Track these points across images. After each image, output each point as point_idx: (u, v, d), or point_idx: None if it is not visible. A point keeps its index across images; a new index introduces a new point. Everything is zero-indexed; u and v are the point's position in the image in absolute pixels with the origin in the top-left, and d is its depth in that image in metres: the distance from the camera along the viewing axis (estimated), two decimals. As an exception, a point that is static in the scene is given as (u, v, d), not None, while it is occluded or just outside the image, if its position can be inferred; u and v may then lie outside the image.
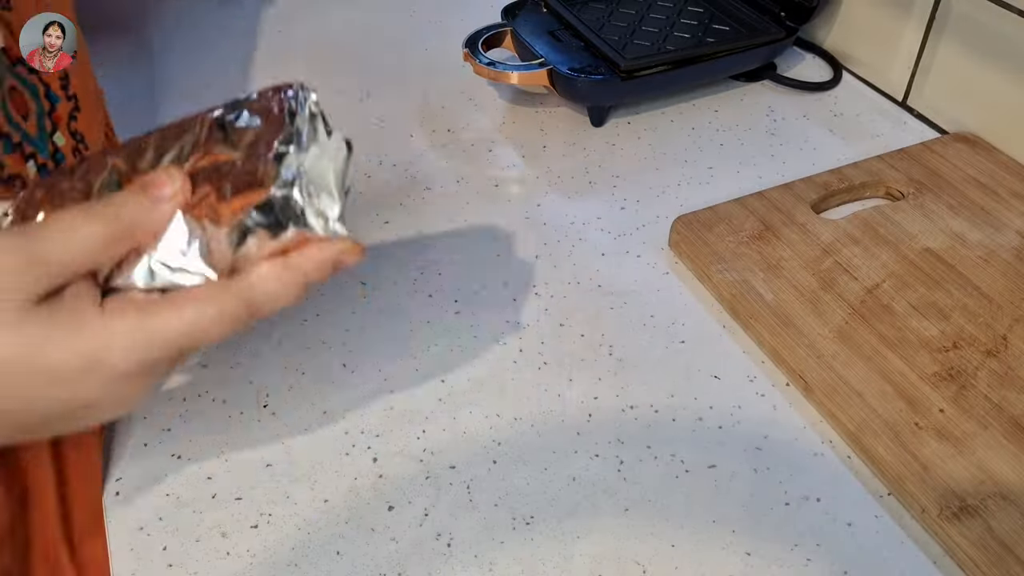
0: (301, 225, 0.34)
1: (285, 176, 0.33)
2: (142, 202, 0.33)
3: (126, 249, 0.33)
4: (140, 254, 0.34)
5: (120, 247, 0.33)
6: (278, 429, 0.49)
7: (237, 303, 0.33)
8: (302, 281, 0.34)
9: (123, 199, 0.33)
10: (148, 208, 0.33)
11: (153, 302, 0.33)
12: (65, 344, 0.31)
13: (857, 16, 0.77)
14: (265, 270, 0.34)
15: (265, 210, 0.33)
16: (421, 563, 0.42)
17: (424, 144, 0.70)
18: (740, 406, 0.50)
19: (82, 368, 0.31)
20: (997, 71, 0.65)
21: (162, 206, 0.33)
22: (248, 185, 0.33)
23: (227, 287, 0.33)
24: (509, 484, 0.46)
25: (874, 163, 0.65)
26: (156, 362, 0.33)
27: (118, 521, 0.44)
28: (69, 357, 0.31)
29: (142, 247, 0.33)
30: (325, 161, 0.35)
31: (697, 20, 0.76)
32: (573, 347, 0.53)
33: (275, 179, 0.33)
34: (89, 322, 0.32)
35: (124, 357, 0.32)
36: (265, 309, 0.34)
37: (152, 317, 0.32)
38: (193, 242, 0.34)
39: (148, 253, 0.34)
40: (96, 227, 0.32)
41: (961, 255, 0.56)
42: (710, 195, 0.63)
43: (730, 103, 0.75)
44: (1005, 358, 0.50)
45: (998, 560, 0.40)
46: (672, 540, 0.43)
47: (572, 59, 0.70)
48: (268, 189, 0.33)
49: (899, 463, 0.45)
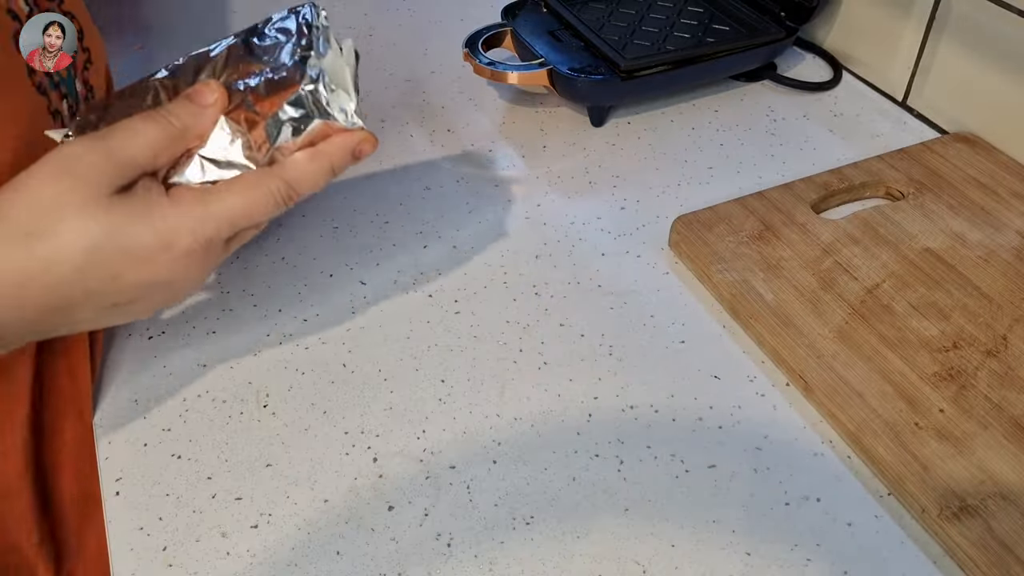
0: (327, 116, 0.40)
1: (311, 74, 0.39)
2: (190, 108, 0.39)
3: (181, 150, 0.39)
4: (191, 155, 0.39)
5: (176, 148, 0.38)
6: (278, 429, 0.49)
7: (279, 183, 0.39)
8: (328, 165, 0.41)
9: (174, 107, 0.39)
10: (196, 113, 0.39)
11: (210, 189, 0.39)
12: (144, 226, 0.36)
13: (857, 16, 0.77)
14: (299, 156, 0.40)
15: (296, 104, 0.39)
16: (421, 563, 0.42)
17: (424, 144, 0.70)
18: (740, 406, 0.50)
19: (159, 246, 0.37)
20: (997, 71, 0.65)
21: (207, 111, 0.39)
22: (279, 86, 0.39)
23: (270, 171, 0.39)
24: (509, 484, 0.46)
25: (874, 163, 0.65)
26: (217, 241, 0.38)
27: (118, 521, 0.44)
28: (148, 237, 0.36)
29: (193, 149, 0.39)
30: (341, 63, 0.41)
31: (697, 20, 0.76)
32: (573, 347, 0.53)
33: (303, 78, 0.39)
34: (160, 207, 0.37)
35: (192, 234, 0.37)
36: (303, 188, 0.40)
37: (212, 199, 0.38)
38: (236, 140, 0.39)
39: (198, 153, 0.39)
40: (156, 129, 0.37)
41: (961, 255, 0.56)
42: (710, 195, 0.63)
43: (730, 103, 0.75)
44: (1005, 358, 0.50)
45: (998, 560, 0.40)
46: (672, 540, 0.43)
47: (572, 59, 0.70)
48: (298, 86, 0.39)
49: (899, 463, 0.45)
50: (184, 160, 0.39)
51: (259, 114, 0.39)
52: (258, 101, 0.40)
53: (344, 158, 0.41)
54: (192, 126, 0.39)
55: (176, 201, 0.38)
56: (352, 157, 0.42)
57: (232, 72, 0.41)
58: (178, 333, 0.54)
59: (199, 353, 0.53)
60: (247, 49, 0.42)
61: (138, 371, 0.52)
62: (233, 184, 0.39)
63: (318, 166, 0.40)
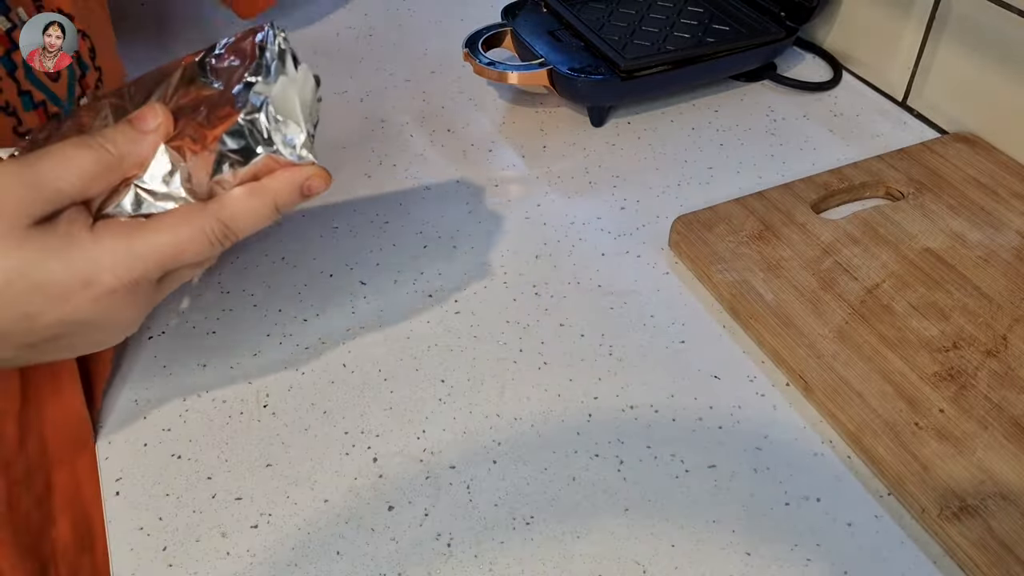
0: (269, 149, 0.37)
1: (253, 102, 0.36)
2: (129, 134, 0.36)
3: (117, 178, 0.36)
4: (129, 184, 0.36)
5: (111, 176, 0.35)
6: (278, 429, 0.49)
7: (213, 222, 0.36)
8: (271, 203, 0.37)
9: (113, 132, 0.36)
10: (135, 139, 0.36)
11: (137, 223, 0.36)
12: (59, 262, 0.34)
13: (857, 16, 0.77)
14: (237, 192, 0.37)
15: (235, 135, 0.36)
16: (421, 563, 0.42)
17: (424, 144, 0.70)
18: (740, 406, 0.50)
19: (77, 284, 0.34)
20: (997, 71, 0.65)
21: (148, 137, 0.36)
22: (222, 114, 0.36)
23: (203, 207, 0.36)
24: (509, 484, 0.46)
25: (874, 163, 0.65)
26: (144, 282, 0.36)
27: (118, 521, 0.44)
28: (63, 274, 0.34)
29: (130, 177, 0.36)
30: (292, 92, 0.38)
31: (697, 20, 0.76)
32: (573, 347, 0.53)
33: (244, 106, 0.36)
34: (81, 242, 0.34)
35: (113, 273, 0.34)
36: (241, 227, 0.37)
37: (138, 236, 0.35)
38: (176, 171, 0.37)
39: (136, 182, 0.36)
40: (89, 156, 0.35)
41: (961, 255, 0.56)
42: (710, 195, 0.63)
43: (730, 103, 0.75)
44: (1005, 358, 0.50)
45: (998, 560, 0.40)
46: (672, 540, 0.43)
47: (572, 59, 0.70)
48: (237, 115, 0.36)
49: (899, 463, 0.45)
50: (122, 189, 0.36)
51: (202, 144, 0.36)
52: (201, 130, 0.37)
53: (290, 195, 0.37)
54: (130, 154, 0.36)
55: (99, 236, 0.35)
56: (300, 194, 0.38)
57: (184, 95, 0.38)
58: (178, 333, 0.54)
59: (199, 353, 0.53)
60: (202, 70, 0.39)
61: (138, 371, 0.52)
62: (163, 221, 0.36)
63: (259, 203, 0.37)
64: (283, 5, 0.89)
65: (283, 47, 0.38)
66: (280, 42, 0.38)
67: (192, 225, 0.36)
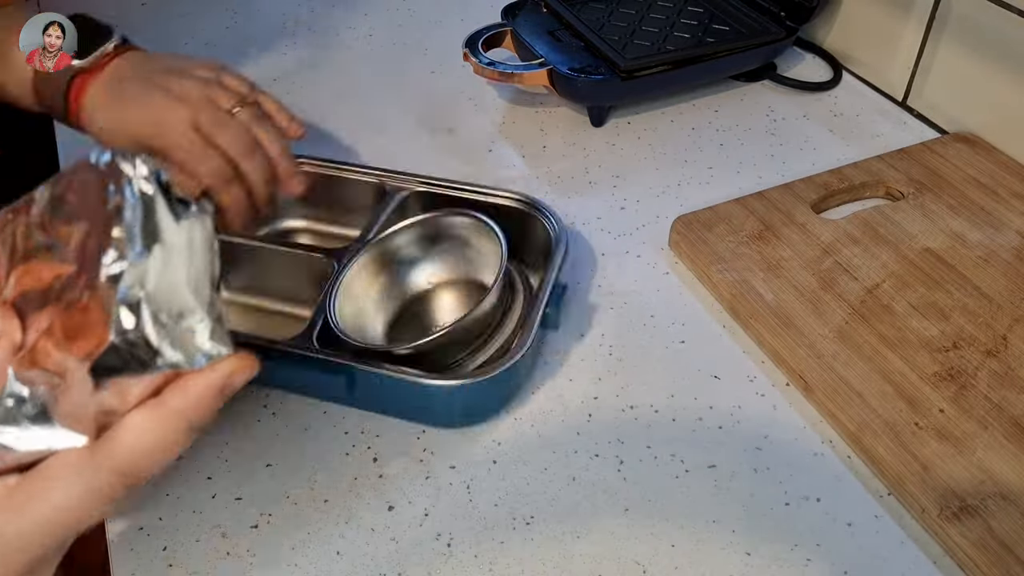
0: (163, 364, 0.27)
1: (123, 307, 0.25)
2: None
3: None
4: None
5: None
6: (278, 429, 0.49)
7: (109, 475, 0.27)
8: (185, 425, 0.28)
9: None
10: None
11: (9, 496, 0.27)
12: None
13: (857, 16, 0.77)
14: (137, 422, 0.27)
15: (111, 357, 0.26)
16: (421, 563, 0.42)
17: (424, 144, 0.70)
18: (740, 406, 0.50)
19: None
20: (997, 71, 0.65)
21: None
22: (84, 326, 0.26)
23: (92, 457, 0.27)
24: (509, 484, 0.46)
25: (874, 163, 0.65)
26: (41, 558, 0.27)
27: (118, 521, 0.44)
28: None
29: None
30: (176, 264, 0.26)
31: (697, 20, 0.76)
32: (573, 347, 0.53)
33: (113, 320, 0.25)
34: None
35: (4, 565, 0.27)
36: (144, 470, 0.28)
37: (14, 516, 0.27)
38: (36, 400, 0.26)
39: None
40: None
41: (961, 255, 0.56)
42: (710, 195, 0.63)
43: (730, 103, 0.75)
44: (1005, 358, 0.50)
45: (998, 560, 0.40)
46: (672, 540, 0.43)
47: (572, 59, 0.70)
48: (108, 333, 0.25)
49: (899, 463, 0.45)
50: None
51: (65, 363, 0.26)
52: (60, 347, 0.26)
53: (208, 407, 0.29)
54: None
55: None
56: (220, 399, 0.29)
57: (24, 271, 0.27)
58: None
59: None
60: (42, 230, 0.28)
61: (138, 371, 0.52)
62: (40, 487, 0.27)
63: (165, 431, 0.28)
64: (284, 6, 0.89)
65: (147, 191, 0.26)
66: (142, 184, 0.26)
67: (80, 484, 0.27)
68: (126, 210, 0.26)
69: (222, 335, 0.27)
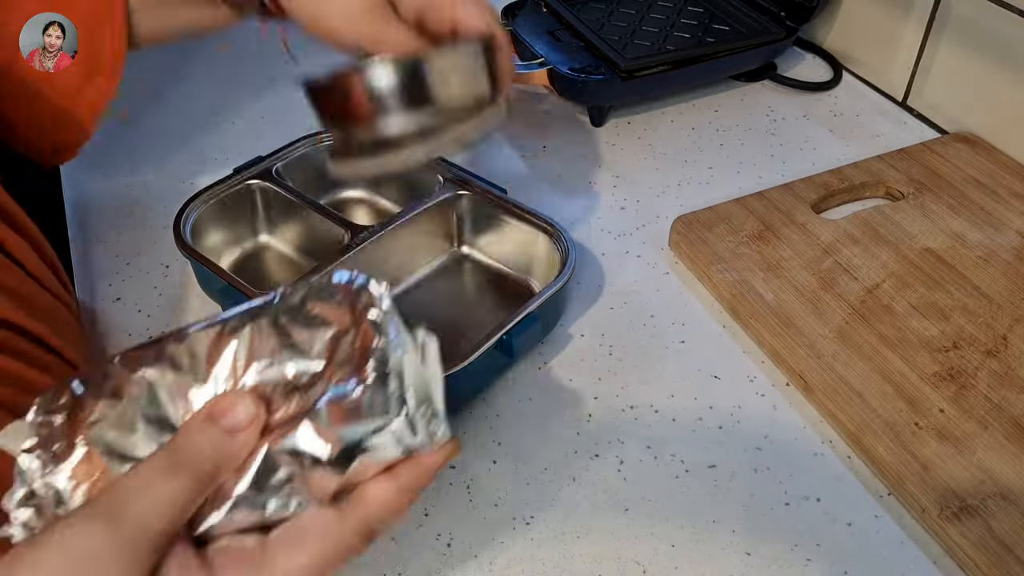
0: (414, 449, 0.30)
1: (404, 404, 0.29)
2: (214, 435, 0.29)
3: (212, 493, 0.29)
4: (228, 495, 0.29)
5: (207, 493, 0.29)
6: (278, 429, 0.49)
7: (354, 536, 0.30)
8: (415, 494, 0.32)
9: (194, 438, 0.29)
10: (224, 441, 0.29)
11: (267, 550, 0.29)
12: None
13: (857, 16, 0.77)
14: (381, 496, 0.31)
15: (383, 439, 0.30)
16: (421, 563, 0.42)
17: (424, 144, 0.70)
18: (740, 406, 0.50)
19: None
20: (997, 71, 0.65)
21: (239, 436, 0.29)
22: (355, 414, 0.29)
23: (343, 519, 0.30)
24: (509, 484, 0.46)
25: (874, 163, 0.65)
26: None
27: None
28: None
29: (227, 487, 0.29)
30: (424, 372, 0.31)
31: (697, 20, 0.76)
32: (573, 347, 0.53)
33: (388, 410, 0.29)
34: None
35: None
36: (380, 532, 0.31)
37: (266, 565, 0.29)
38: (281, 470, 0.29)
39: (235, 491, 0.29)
40: (179, 483, 0.28)
41: (961, 255, 0.56)
42: (710, 195, 0.63)
43: (730, 103, 0.75)
44: (1005, 358, 0.50)
45: (998, 560, 0.40)
46: (672, 540, 0.43)
47: (572, 59, 0.70)
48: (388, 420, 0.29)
49: (899, 463, 0.45)
50: (218, 499, 0.29)
51: None
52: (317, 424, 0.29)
53: (430, 479, 0.32)
54: (224, 461, 0.29)
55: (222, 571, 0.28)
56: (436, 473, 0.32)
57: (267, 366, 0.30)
58: (178, 333, 0.54)
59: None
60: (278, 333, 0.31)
61: (138, 371, 0.52)
62: (298, 542, 0.29)
63: (402, 503, 0.31)
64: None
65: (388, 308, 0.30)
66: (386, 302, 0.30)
67: (332, 542, 0.30)
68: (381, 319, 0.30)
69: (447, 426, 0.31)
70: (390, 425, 0.29)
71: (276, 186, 0.57)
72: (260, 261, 0.60)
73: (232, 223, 0.58)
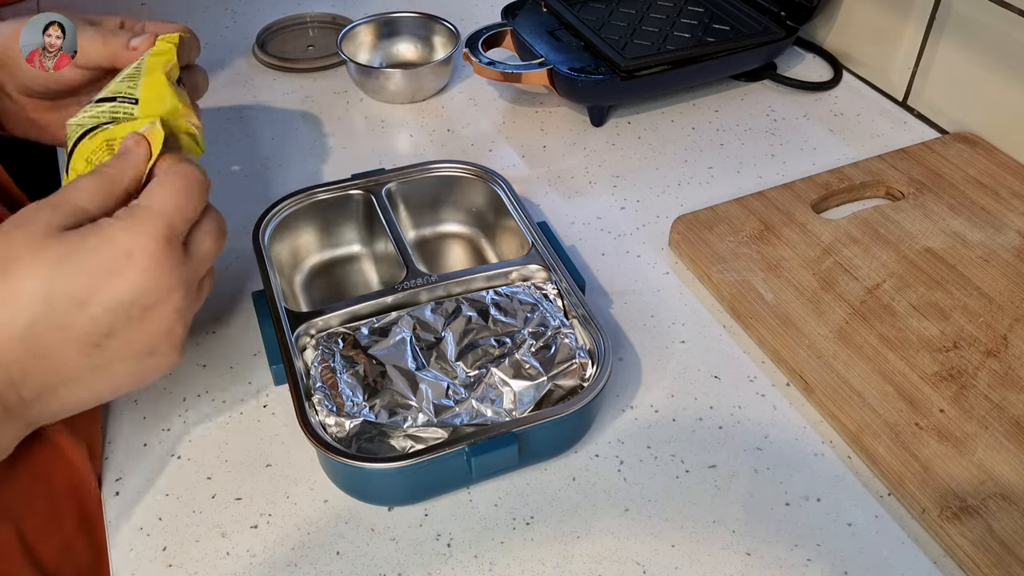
0: None
1: None
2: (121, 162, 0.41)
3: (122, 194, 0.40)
4: None
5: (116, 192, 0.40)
6: (278, 429, 0.49)
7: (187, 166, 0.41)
8: None
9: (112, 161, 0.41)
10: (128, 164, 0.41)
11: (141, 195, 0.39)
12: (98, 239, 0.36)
13: (857, 16, 0.77)
14: None
15: None
16: (421, 563, 0.42)
17: (424, 144, 0.70)
18: (740, 406, 0.50)
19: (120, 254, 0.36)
20: (997, 71, 0.65)
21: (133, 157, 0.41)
22: None
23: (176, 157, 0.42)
24: (509, 484, 0.46)
25: (874, 163, 0.65)
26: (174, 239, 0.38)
27: (118, 521, 0.44)
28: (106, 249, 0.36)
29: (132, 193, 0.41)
30: None
31: (697, 20, 0.76)
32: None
33: None
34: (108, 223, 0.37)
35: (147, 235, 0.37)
36: None
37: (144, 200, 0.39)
38: None
39: None
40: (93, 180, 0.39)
41: (961, 255, 0.56)
42: (710, 195, 0.63)
43: (730, 103, 0.75)
44: (1005, 358, 0.50)
45: (998, 560, 0.40)
46: (672, 540, 0.43)
47: (572, 59, 0.70)
48: None
49: (899, 463, 0.45)
50: None
51: None
52: None
53: None
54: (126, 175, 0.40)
55: (118, 216, 0.38)
56: None
57: None
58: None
59: (199, 353, 0.53)
60: None
61: (138, 371, 0.52)
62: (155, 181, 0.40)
63: None
64: (285, 6, 0.89)
65: None
66: None
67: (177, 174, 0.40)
68: None
69: None
70: None
71: (378, 204, 0.57)
72: (346, 270, 0.60)
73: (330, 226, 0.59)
